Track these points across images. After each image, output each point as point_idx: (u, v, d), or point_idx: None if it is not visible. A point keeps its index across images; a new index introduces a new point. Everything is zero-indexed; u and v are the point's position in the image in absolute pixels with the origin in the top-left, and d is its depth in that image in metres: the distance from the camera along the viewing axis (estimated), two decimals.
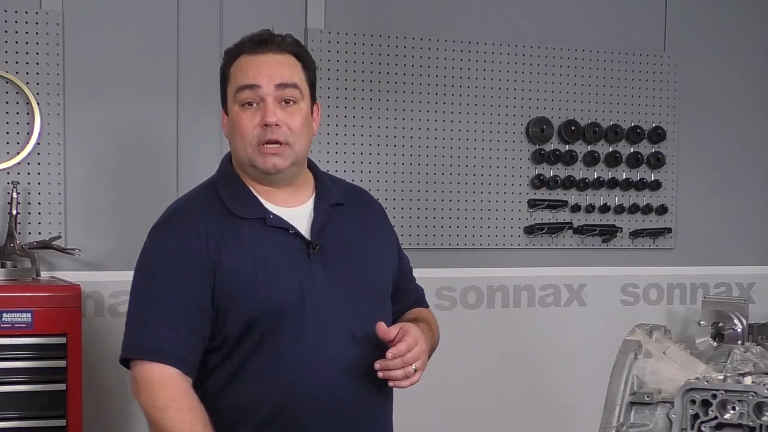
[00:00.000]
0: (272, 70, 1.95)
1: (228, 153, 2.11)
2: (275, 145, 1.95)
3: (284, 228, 1.99)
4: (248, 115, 1.95)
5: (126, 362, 1.93)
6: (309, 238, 2.00)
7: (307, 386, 1.94)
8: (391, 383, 1.94)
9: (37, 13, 3.20)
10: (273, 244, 1.97)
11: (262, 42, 1.96)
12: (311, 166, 2.12)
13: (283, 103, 1.96)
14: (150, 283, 1.92)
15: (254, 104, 1.95)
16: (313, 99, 2.05)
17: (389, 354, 1.89)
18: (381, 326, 1.93)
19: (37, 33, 3.20)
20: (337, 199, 2.09)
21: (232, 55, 2.00)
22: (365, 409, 2.02)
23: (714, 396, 1.57)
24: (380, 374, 1.91)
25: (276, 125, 1.93)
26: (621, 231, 3.94)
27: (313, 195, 2.07)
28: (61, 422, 2.78)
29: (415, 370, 1.93)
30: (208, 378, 1.98)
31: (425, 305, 2.28)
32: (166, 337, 1.87)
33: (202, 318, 1.92)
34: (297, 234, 1.99)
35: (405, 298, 2.22)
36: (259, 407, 1.95)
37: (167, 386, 1.86)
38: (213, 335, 1.96)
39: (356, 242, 2.06)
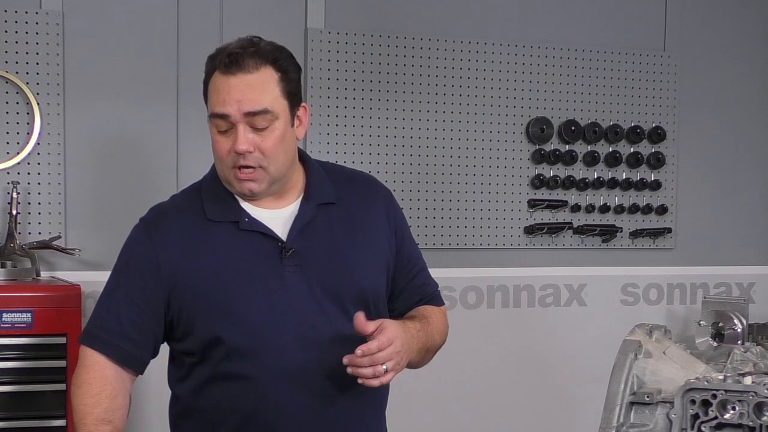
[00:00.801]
0: (241, 95, 1.90)
1: None
2: (249, 170, 1.93)
3: (260, 231, 1.97)
4: (223, 139, 1.94)
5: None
6: (285, 240, 1.97)
7: (281, 390, 1.93)
8: (359, 380, 1.87)
9: (37, 13, 3.20)
10: (245, 249, 1.96)
11: (233, 63, 1.90)
12: (306, 162, 2.08)
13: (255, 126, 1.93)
14: (114, 278, 2.03)
15: (227, 130, 1.94)
16: (295, 106, 1.98)
17: (358, 351, 1.83)
18: (359, 317, 1.86)
19: (37, 33, 3.20)
20: (328, 197, 2.04)
21: (210, 66, 1.96)
22: (344, 412, 1.99)
23: (714, 396, 1.57)
24: (349, 370, 1.86)
25: (248, 152, 1.91)
26: (621, 231, 3.94)
27: (302, 195, 2.04)
28: (61, 422, 2.78)
29: (386, 371, 1.86)
30: (187, 378, 2.01)
31: (437, 303, 2.21)
32: (111, 328, 1.97)
33: (153, 319, 1.98)
34: (273, 236, 1.97)
35: (408, 296, 2.16)
36: (234, 409, 1.95)
37: (90, 368, 1.96)
38: (181, 337, 1.98)
39: (342, 242, 2.02)
